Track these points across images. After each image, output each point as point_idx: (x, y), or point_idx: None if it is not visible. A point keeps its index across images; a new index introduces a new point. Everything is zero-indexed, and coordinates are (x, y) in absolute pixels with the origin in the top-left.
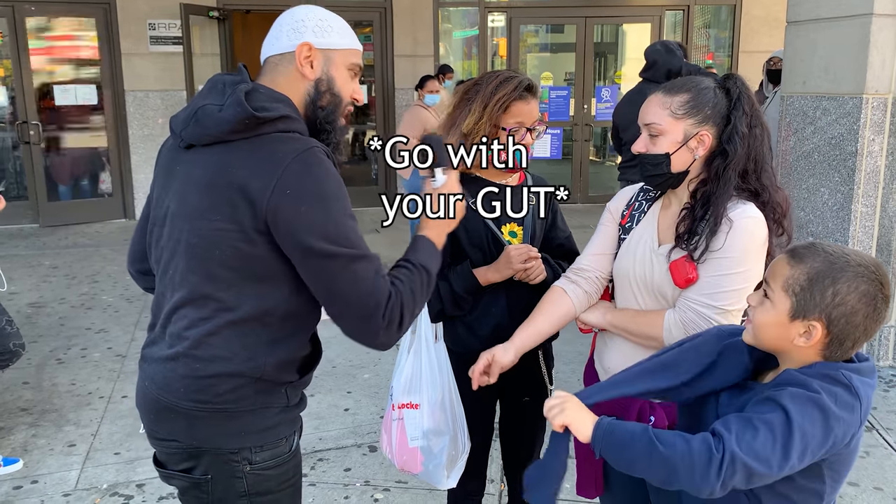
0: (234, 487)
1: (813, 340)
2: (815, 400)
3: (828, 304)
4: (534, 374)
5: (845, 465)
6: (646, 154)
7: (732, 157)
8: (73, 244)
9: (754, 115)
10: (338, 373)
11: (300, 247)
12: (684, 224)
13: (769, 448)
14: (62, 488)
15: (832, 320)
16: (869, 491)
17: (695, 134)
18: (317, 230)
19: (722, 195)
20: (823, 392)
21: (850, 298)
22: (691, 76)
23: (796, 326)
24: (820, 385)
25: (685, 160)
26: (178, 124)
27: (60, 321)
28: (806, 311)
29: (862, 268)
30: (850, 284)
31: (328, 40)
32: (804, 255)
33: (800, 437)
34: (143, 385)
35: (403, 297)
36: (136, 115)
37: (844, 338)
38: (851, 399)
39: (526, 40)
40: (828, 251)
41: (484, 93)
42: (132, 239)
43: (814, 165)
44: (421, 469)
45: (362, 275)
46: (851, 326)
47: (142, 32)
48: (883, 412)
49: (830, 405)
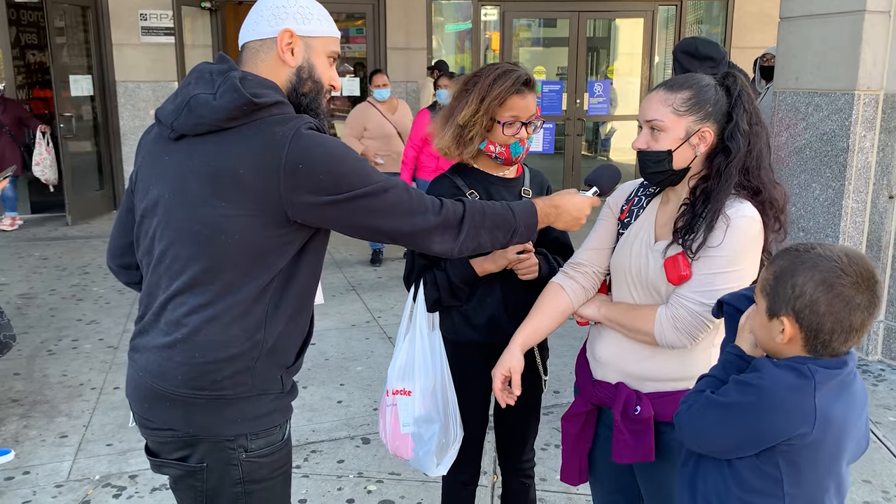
0: (230, 475)
1: (787, 336)
2: (751, 382)
3: (790, 298)
4: (529, 365)
5: (809, 463)
6: (647, 151)
7: (735, 155)
8: (63, 235)
9: (754, 113)
10: (331, 365)
11: (330, 203)
12: (683, 220)
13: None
14: (54, 479)
15: (798, 313)
16: (858, 483)
17: (696, 131)
18: (341, 185)
19: (723, 191)
20: (766, 376)
21: (808, 289)
22: (692, 74)
23: (775, 325)
24: (770, 371)
25: (687, 157)
26: (167, 115)
27: (51, 312)
28: (776, 308)
29: (822, 258)
30: (805, 275)
31: (309, 27)
32: (777, 256)
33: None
34: (135, 375)
35: (467, 208)
36: (126, 105)
37: (817, 330)
38: (802, 382)
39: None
40: (798, 248)
41: (482, 85)
42: (112, 234)
43: (805, 161)
44: (412, 455)
45: (395, 199)
46: (817, 316)
47: (133, 23)
48: (872, 406)
49: (769, 387)
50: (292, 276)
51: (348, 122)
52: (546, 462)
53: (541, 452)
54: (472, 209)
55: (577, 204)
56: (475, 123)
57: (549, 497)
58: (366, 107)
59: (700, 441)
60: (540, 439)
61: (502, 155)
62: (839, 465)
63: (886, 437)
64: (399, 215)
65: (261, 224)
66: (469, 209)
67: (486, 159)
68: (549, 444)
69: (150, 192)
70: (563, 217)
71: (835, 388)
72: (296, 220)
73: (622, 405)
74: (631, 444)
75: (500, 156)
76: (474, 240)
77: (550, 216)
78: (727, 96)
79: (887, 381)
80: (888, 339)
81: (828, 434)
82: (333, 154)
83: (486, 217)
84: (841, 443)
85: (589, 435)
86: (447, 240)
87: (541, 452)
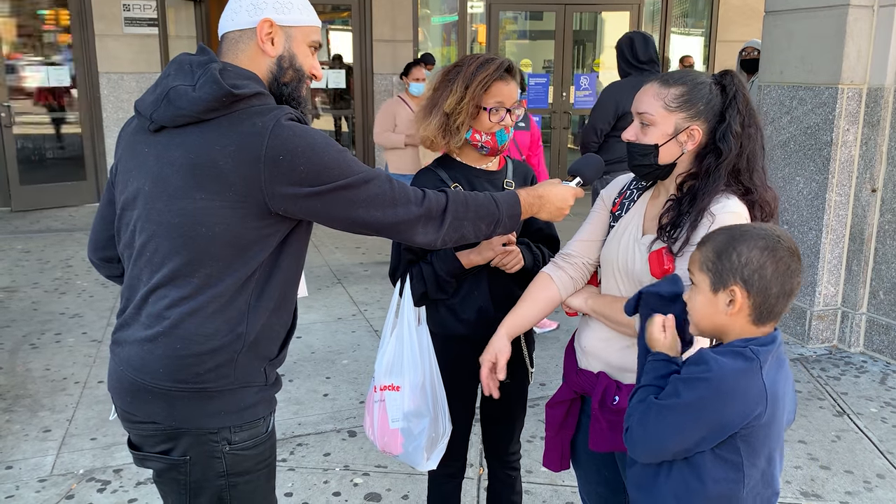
0: (213, 468)
1: (738, 305)
2: (700, 376)
3: (737, 267)
4: (515, 357)
5: (762, 439)
6: (635, 143)
7: (726, 156)
8: (46, 228)
9: (749, 114)
10: (317, 358)
11: (311, 195)
12: (668, 216)
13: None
14: (37, 474)
15: (746, 280)
16: (840, 474)
17: (685, 128)
18: (322, 176)
19: (709, 192)
20: (713, 367)
21: (754, 255)
22: (689, 70)
23: (721, 298)
24: (714, 359)
25: (673, 153)
26: (146, 107)
27: (34, 306)
28: (723, 280)
29: (757, 229)
30: (749, 244)
31: (289, 17)
32: (708, 237)
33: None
34: (117, 369)
35: (450, 199)
36: (110, 97)
37: (765, 294)
38: (749, 364)
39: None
40: (729, 228)
41: (465, 73)
42: (93, 226)
43: (790, 154)
44: (401, 451)
45: (377, 189)
46: (766, 282)
47: (116, 13)
48: (854, 397)
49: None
50: (274, 267)
51: (378, 120)
52: (532, 454)
53: (527, 444)
54: (455, 200)
55: (560, 194)
56: (461, 111)
57: (535, 489)
58: (396, 102)
59: (659, 450)
60: (526, 431)
61: (488, 144)
62: (782, 434)
63: (868, 427)
64: (381, 206)
65: (241, 216)
66: (452, 200)
67: (471, 151)
68: (534, 436)
69: (129, 184)
70: (547, 208)
71: (774, 363)
72: (277, 212)
73: (601, 394)
74: (607, 433)
75: (486, 145)
76: (458, 231)
77: (534, 206)
78: (722, 96)
79: (869, 373)
80: (870, 331)
81: (777, 408)
82: (314, 145)
83: (469, 208)
84: (783, 413)
85: (572, 423)
86: (430, 231)
87: (527, 444)
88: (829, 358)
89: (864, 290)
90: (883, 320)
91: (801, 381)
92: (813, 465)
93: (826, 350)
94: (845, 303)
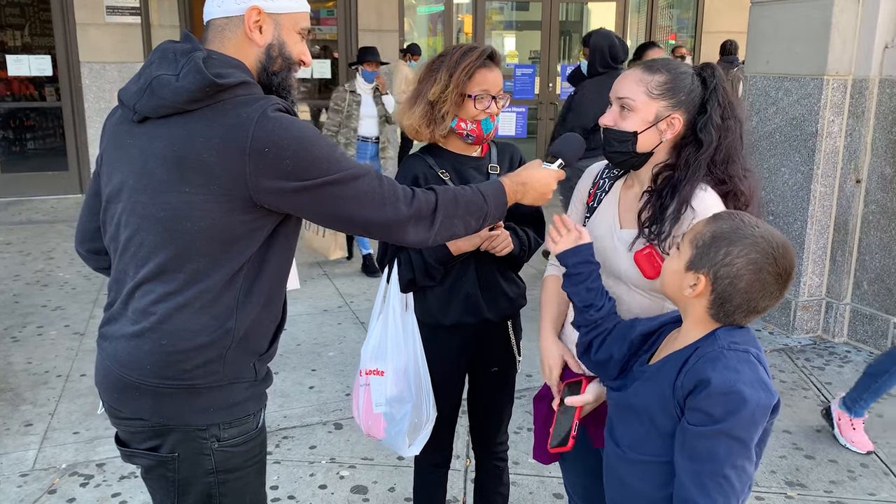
0: (202, 465)
1: (696, 291)
2: (731, 409)
3: (717, 262)
4: (503, 346)
5: (764, 440)
6: (613, 129)
7: (706, 148)
8: (28, 220)
9: (728, 107)
10: (302, 350)
11: (298, 189)
12: (647, 212)
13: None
14: (19, 468)
15: (717, 277)
16: (824, 464)
17: (666, 116)
18: (310, 170)
19: (690, 184)
20: (735, 390)
21: (738, 262)
22: (671, 59)
23: (688, 277)
24: (741, 373)
25: (652, 141)
26: (129, 97)
27: (15, 298)
28: (699, 264)
29: (763, 240)
30: (742, 249)
31: (278, 4)
32: (720, 217)
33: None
34: (104, 364)
35: (440, 198)
36: (91, 87)
37: (726, 299)
38: (758, 369)
39: (491, 17)
40: (743, 220)
41: (449, 62)
42: (80, 218)
43: (775, 145)
44: (384, 435)
45: (366, 187)
46: (733, 289)
47: (97, 2)
48: (838, 387)
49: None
50: (263, 262)
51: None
52: (519, 445)
53: (514, 436)
54: (445, 199)
55: (542, 179)
56: (446, 100)
57: (523, 480)
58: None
59: None
60: (513, 423)
61: (473, 132)
62: None
63: None
64: (370, 205)
65: (227, 210)
66: (441, 199)
67: (456, 140)
68: (521, 427)
69: (114, 176)
70: (531, 193)
71: None
72: (263, 206)
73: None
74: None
75: (472, 133)
76: (449, 230)
77: (518, 193)
78: (703, 87)
79: (853, 363)
80: (854, 321)
81: None
82: (301, 138)
83: (458, 205)
84: None
85: None
86: (421, 231)
87: (514, 436)
88: (814, 348)
89: (848, 281)
90: (867, 310)
91: (785, 372)
92: (797, 455)
93: (810, 340)
94: (830, 293)
